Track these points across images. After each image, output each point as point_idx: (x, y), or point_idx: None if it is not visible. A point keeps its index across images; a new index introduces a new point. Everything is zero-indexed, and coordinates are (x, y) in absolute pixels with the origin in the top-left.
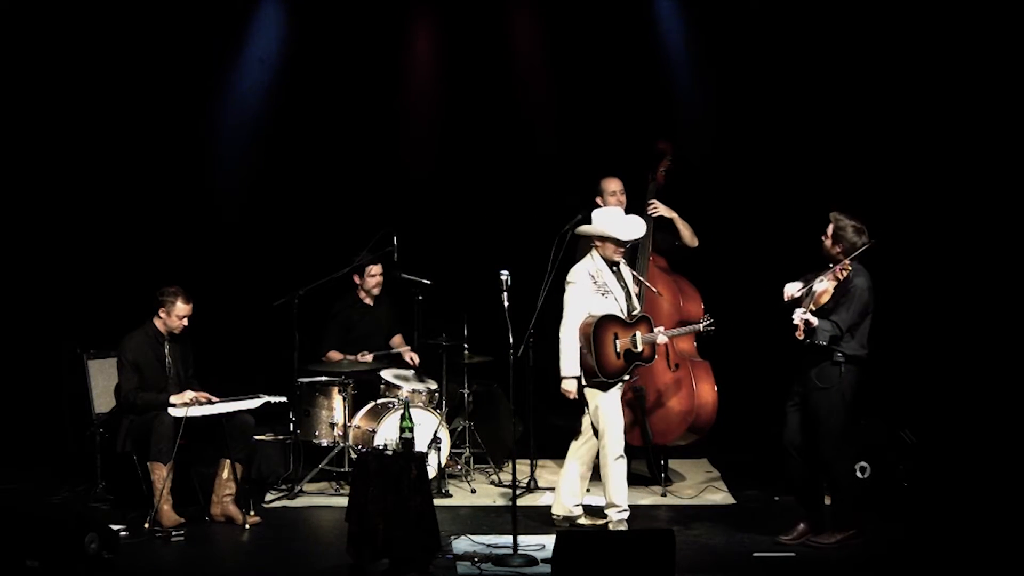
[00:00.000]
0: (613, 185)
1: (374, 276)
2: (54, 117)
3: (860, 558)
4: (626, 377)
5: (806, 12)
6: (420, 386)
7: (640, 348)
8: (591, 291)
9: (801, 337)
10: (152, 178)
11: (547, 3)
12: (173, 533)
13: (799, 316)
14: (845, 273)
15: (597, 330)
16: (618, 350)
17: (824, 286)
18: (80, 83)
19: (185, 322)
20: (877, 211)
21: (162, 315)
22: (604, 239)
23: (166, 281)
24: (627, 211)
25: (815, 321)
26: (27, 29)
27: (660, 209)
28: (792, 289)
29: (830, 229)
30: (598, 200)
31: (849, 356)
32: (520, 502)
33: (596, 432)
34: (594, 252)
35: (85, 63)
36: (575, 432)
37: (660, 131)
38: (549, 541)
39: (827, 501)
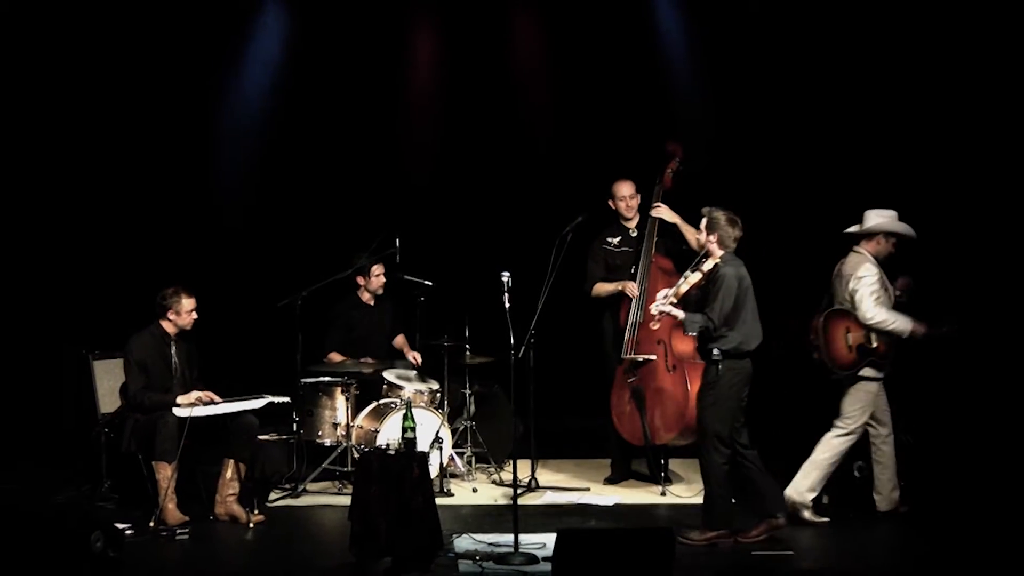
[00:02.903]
0: (625, 189)
1: (378, 276)
2: (57, 119)
3: (859, 558)
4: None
5: (806, 13)
6: (422, 386)
7: (875, 344)
8: (880, 287)
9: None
10: (156, 180)
11: (547, 6)
12: (178, 532)
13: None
14: (711, 263)
15: (827, 323)
16: (850, 343)
17: (687, 277)
18: (83, 85)
19: (195, 315)
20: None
21: (171, 317)
22: (891, 235)
23: (170, 282)
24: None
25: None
26: (29, 30)
27: (662, 211)
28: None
29: (704, 223)
30: (610, 203)
31: (727, 352)
32: (521, 501)
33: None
34: (870, 251)
35: (88, 65)
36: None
37: (660, 133)
38: (550, 540)
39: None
